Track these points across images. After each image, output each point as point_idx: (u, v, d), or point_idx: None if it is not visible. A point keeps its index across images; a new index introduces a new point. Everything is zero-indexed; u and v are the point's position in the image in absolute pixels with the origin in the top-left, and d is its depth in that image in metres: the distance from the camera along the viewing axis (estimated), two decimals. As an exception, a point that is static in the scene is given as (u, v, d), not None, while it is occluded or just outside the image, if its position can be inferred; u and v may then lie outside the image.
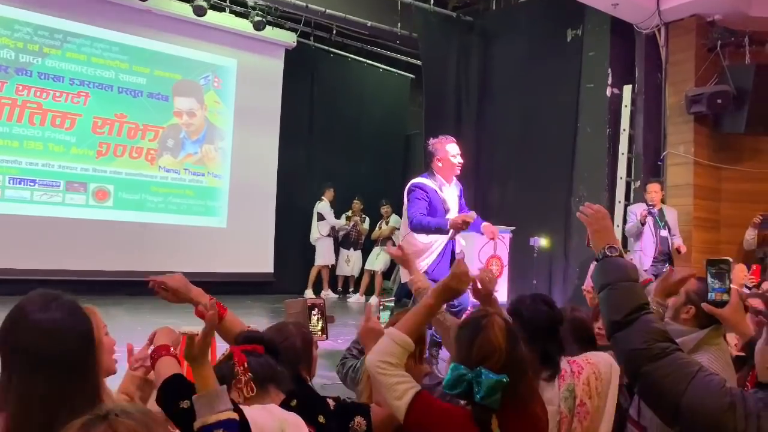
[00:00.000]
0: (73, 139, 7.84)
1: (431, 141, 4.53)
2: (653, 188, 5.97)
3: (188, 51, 8.68)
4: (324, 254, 9.07)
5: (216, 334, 1.65)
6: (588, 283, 3.27)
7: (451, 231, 4.24)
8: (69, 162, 7.81)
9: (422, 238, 4.31)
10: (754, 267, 5.79)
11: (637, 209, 6.01)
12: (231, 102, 9.06)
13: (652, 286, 2.42)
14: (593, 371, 1.88)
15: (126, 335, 1.94)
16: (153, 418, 1.02)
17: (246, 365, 1.60)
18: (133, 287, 7.87)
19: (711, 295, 1.76)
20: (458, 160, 4.41)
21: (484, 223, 4.37)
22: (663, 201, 6.09)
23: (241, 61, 9.07)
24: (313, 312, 2.24)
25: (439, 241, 4.32)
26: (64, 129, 7.78)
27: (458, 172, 4.42)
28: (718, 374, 1.45)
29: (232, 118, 9.05)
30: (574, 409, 1.81)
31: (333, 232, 9.17)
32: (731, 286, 1.78)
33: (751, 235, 6.01)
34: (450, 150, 4.39)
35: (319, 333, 2.21)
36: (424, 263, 4.28)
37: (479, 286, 2.07)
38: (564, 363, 1.87)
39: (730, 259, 1.78)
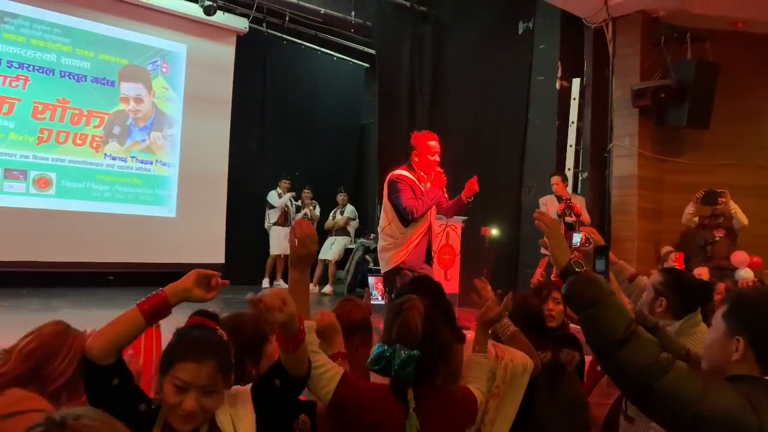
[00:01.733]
0: (11, 124, 7.49)
1: (414, 134, 4.58)
2: (556, 181, 6.39)
3: (135, 35, 8.40)
4: (275, 243, 8.98)
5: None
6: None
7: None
8: (7, 149, 7.46)
9: (401, 230, 4.40)
10: (677, 254, 6.04)
11: (549, 201, 6.39)
12: (180, 88, 8.82)
13: (642, 278, 2.52)
14: (510, 358, 1.98)
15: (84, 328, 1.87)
16: (111, 420, 0.98)
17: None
18: (77, 279, 7.64)
19: None
20: (435, 158, 4.44)
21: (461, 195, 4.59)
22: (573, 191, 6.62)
23: (190, 47, 8.84)
24: None
25: (418, 232, 4.44)
26: (1, 114, 7.42)
27: (435, 168, 4.45)
28: (718, 374, 1.46)
29: (182, 105, 8.82)
30: (492, 390, 1.90)
31: (284, 220, 9.06)
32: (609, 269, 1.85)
33: (690, 210, 6.22)
34: (430, 146, 4.44)
35: None
36: (400, 256, 4.43)
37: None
38: (490, 346, 1.94)
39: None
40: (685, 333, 2.10)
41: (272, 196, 9.02)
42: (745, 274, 5.73)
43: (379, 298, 2.23)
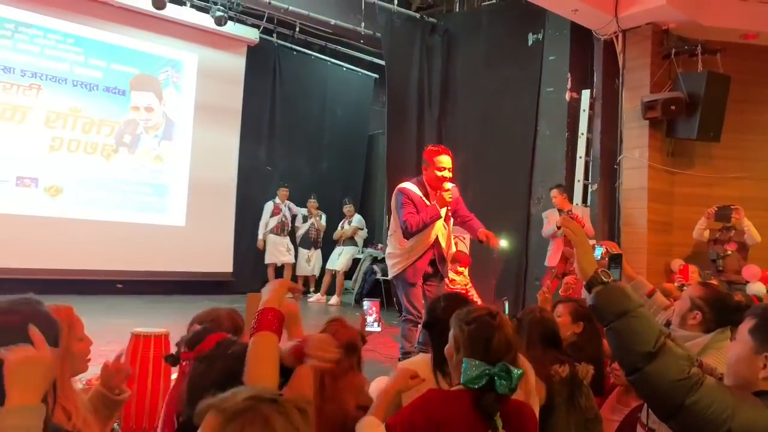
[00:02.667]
0: (24, 132, 7.57)
1: (428, 147, 4.49)
2: (555, 194, 6.49)
3: (147, 45, 8.49)
4: (268, 252, 8.99)
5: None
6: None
7: (444, 210, 4.32)
8: (20, 156, 7.53)
9: (402, 242, 4.34)
10: (681, 266, 5.99)
11: (551, 214, 6.46)
12: (191, 98, 8.89)
13: (660, 295, 2.52)
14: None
15: (91, 337, 1.87)
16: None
17: None
18: (86, 286, 7.66)
19: None
20: (444, 174, 4.30)
21: (481, 230, 4.45)
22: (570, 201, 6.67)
23: (201, 57, 8.91)
24: None
25: (420, 247, 4.35)
26: (14, 122, 7.50)
27: (443, 186, 4.29)
28: (748, 390, 1.41)
29: (192, 115, 8.88)
30: None
31: (279, 230, 9.05)
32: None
33: (702, 225, 6.18)
34: (438, 162, 4.31)
35: None
36: (400, 266, 4.36)
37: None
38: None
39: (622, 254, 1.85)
40: (712, 346, 2.09)
41: (267, 209, 9.03)
42: (757, 288, 5.67)
43: (375, 324, 2.14)
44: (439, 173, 4.31)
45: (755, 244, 6.02)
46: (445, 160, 4.35)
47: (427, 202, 4.34)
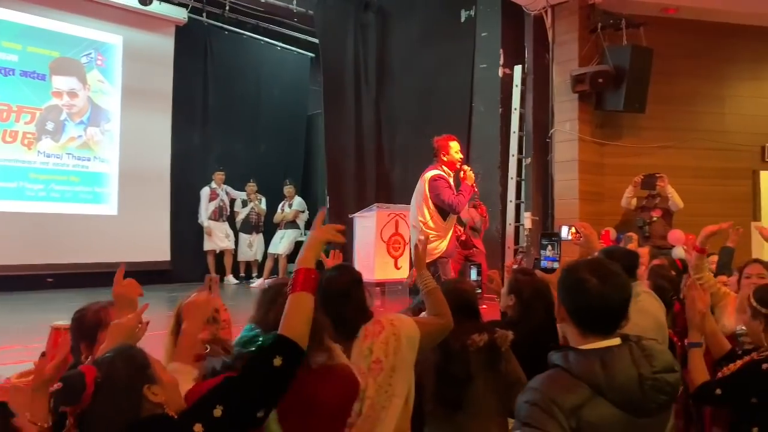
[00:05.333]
0: (-66, 122, 7.09)
1: (436, 138, 5.06)
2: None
3: (67, 26, 8.05)
4: (207, 239, 8.83)
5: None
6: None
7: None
8: (-69, 148, 7.06)
9: (443, 223, 4.86)
10: (603, 232, 6.26)
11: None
12: (117, 82, 8.52)
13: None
14: (393, 332, 1.92)
15: (19, 334, 1.78)
16: None
17: None
18: (13, 282, 7.30)
19: (543, 263, 1.93)
20: (459, 155, 5.00)
21: None
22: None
23: (126, 38, 8.53)
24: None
25: (452, 223, 5.00)
26: None
27: (457, 167, 4.97)
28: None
29: (120, 99, 8.52)
30: (370, 366, 1.86)
31: (218, 216, 8.88)
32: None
33: (629, 194, 6.46)
34: (453, 146, 4.96)
35: None
36: (443, 245, 4.86)
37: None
38: (369, 324, 1.93)
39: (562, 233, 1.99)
40: None
41: (204, 194, 8.84)
42: (681, 252, 5.98)
43: None
44: (457, 156, 4.96)
45: (678, 210, 6.33)
46: (458, 144, 5.02)
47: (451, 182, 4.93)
